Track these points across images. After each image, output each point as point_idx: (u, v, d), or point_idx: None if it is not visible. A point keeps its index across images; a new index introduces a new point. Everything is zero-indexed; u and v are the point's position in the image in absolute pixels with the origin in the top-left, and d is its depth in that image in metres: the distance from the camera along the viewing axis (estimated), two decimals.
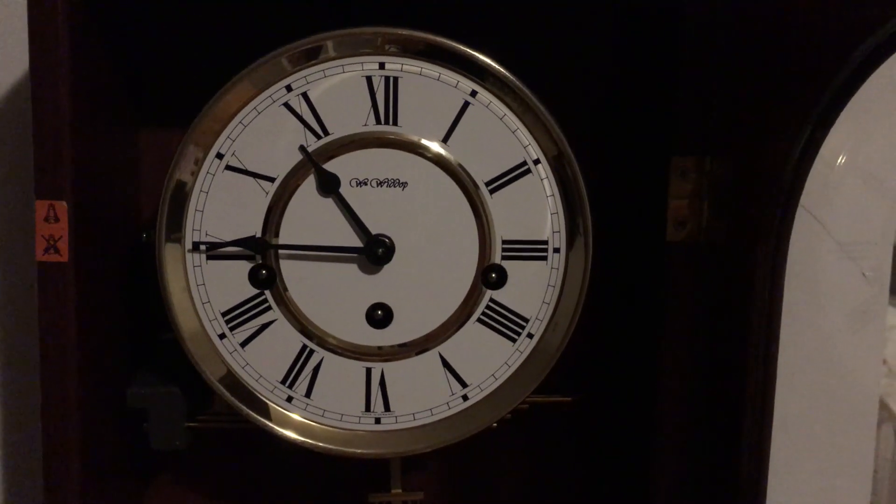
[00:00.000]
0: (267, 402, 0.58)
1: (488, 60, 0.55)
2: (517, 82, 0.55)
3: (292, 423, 0.58)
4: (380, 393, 0.58)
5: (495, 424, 0.59)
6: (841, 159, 0.63)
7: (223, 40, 0.63)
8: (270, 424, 0.58)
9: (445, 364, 0.58)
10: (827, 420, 0.64)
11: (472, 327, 0.58)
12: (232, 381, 0.57)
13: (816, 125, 0.50)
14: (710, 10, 0.56)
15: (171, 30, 0.64)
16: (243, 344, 0.57)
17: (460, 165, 0.56)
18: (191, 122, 0.55)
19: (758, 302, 0.53)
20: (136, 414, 0.60)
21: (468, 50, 0.55)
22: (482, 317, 0.58)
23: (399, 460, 0.62)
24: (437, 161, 0.56)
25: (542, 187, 0.57)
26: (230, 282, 0.56)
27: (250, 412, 0.57)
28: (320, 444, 0.58)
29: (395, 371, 0.58)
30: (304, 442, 0.58)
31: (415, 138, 0.56)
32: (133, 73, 0.63)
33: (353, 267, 0.57)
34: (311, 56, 0.54)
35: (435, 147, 0.56)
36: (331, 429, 0.58)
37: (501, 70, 0.55)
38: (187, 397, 0.60)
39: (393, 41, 0.55)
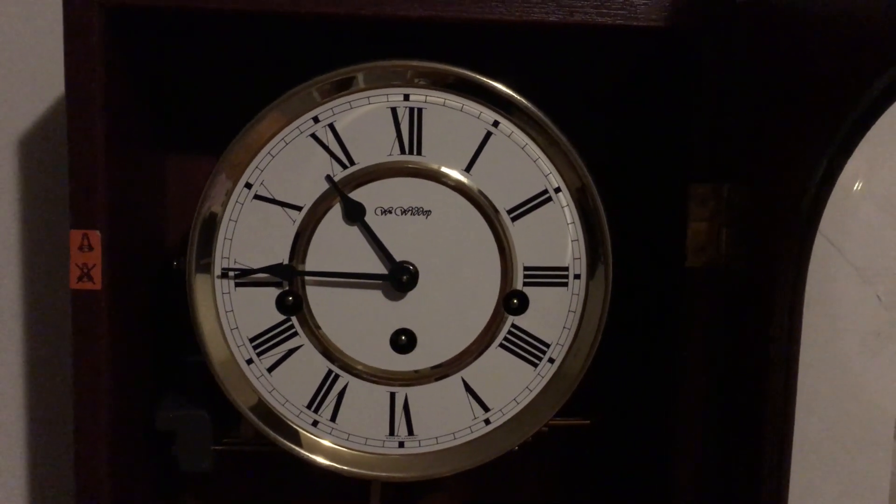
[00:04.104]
0: (296, 427, 0.59)
1: (512, 93, 0.56)
2: (540, 114, 0.56)
3: (320, 448, 0.59)
4: (404, 417, 0.59)
5: (516, 447, 0.60)
6: (858, 185, 0.64)
7: (244, 71, 0.64)
8: (298, 449, 0.58)
9: (468, 388, 0.59)
10: (845, 443, 0.65)
11: (494, 352, 0.59)
12: (261, 407, 0.58)
13: (835, 154, 0.51)
14: (725, 40, 0.57)
15: (196, 61, 0.65)
16: (270, 369, 0.58)
17: (482, 194, 0.57)
18: (215, 149, 0.56)
19: (777, 328, 0.54)
20: (163, 436, 0.61)
21: (495, 84, 0.56)
22: (504, 342, 0.59)
23: (380, 484, 0.63)
24: (460, 190, 0.57)
25: (563, 215, 0.58)
26: (258, 308, 0.57)
27: (279, 437, 0.58)
28: (346, 468, 0.59)
29: (418, 395, 0.59)
30: (330, 466, 0.59)
31: (438, 167, 0.57)
32: (160, 102, 0.65)
33: (378, 293, 0.58)
34: (342, 87, 0.56)
35: (458, 176, 0.57)
36: (355, 452, 0.59)
37: (525, 102, 0.56)
38: (214, 420, 0.61)
39: (423, 74, 0.56)
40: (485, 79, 0.56)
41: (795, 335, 0.54)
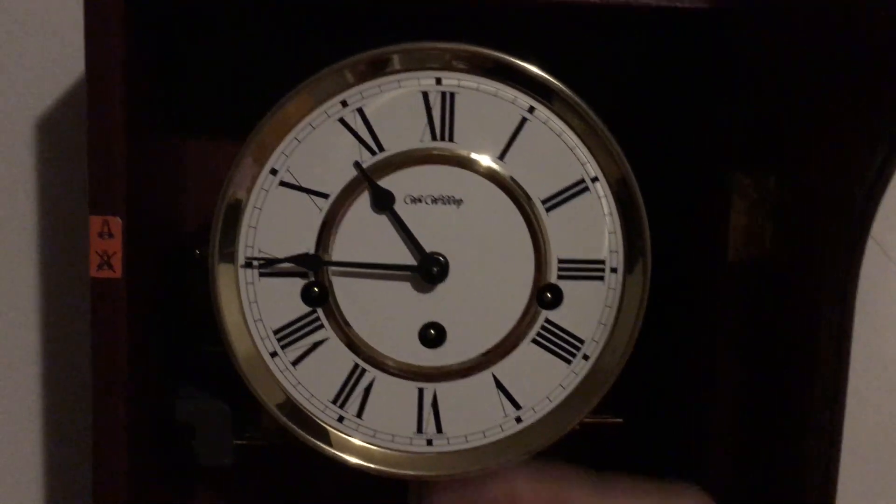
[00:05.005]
0: (324, 425, 0.56)
1: (550, 77, 0.54)
2: (579, 100, 0.54)
3: (348, 445, 0.57)
4: (432, 414, 0.57)
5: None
6: None
7: (268, 54, 0.63)
8: (323, 446, 0.56)
9: (499, 385, 0.57)
10: (889, 448, 0.62)
11: (526, 348, 0.57)
12: (286, 403, 0.56)
13: (893, 146, 0.48)
14: (771, 23, 0.55)
15: (218, 43, 0.63)
16: (294, 363, 0.56)
17: (516, 182, 0.55)
18: (237, 135, 0.54)
19: (826, 330, 0.51)
20: (181, 429, 0.59)
21: (532, 68, 0.54)
22: (537, 337, 0.56)
23: (418, 483, 0.60)
24: (493, 178, 0.55)
25: (600, 206, 0.56)
26: (282, 299, 0.55)
27: (306, 436, 0.56)
28: (373, 465, 0.57)
29: (447, 392, 0.57)
30: (359, 465, 0.57)
31: (471, 155, 0.55)
32: (181, 85, 0.63)
33: (407, 285, 0.56)
34: (377, 69, 0.54)
35: (491, 164, 0.55)
36: (382, 450, 0.57)
37: (563, 87, 0.54)
38: (235, 413, 0.59)
39: (460, 57, 0.53)
40: (522, 62, 0.54)
41: (845, 338, 0.52)
